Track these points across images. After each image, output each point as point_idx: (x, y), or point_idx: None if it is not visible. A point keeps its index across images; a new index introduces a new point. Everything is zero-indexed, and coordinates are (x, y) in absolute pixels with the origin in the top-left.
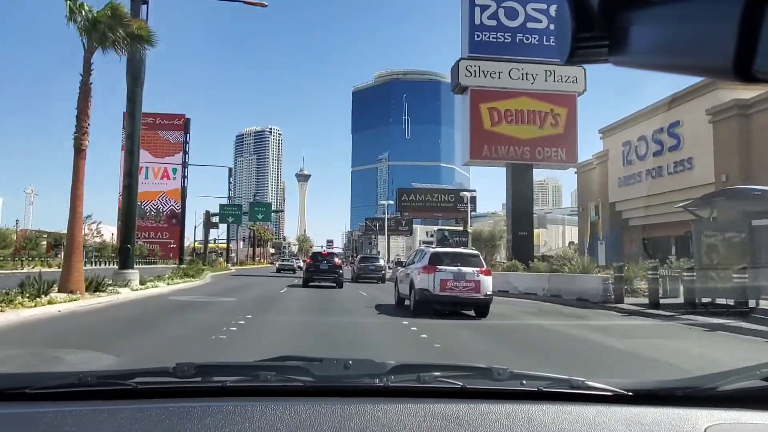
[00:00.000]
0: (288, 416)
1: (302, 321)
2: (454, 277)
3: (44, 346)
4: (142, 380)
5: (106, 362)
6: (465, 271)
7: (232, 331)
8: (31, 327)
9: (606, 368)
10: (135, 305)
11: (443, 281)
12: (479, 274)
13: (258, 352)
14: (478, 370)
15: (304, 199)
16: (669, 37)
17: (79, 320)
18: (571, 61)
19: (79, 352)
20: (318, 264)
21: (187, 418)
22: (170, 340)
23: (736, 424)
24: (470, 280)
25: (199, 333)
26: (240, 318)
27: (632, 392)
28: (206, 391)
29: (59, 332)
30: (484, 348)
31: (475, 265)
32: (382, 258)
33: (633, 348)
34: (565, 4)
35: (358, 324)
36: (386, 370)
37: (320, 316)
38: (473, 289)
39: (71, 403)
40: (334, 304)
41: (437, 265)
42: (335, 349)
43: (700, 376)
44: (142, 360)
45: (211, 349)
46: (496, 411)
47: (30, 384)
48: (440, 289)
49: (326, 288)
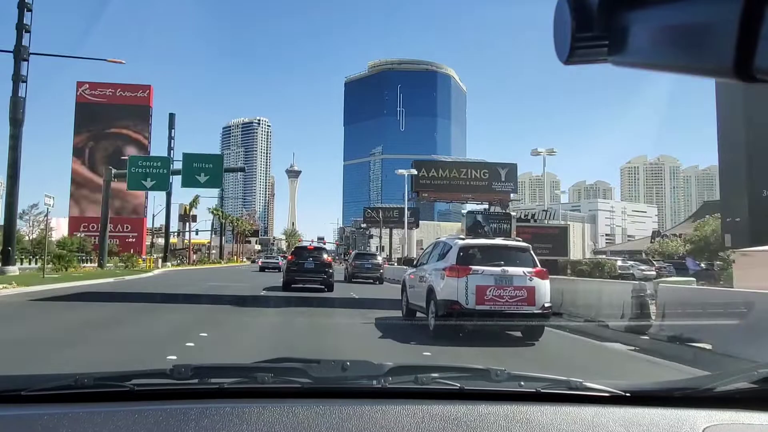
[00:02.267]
0: (285, 418)
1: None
2: (496, 283)
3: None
4: (138, 382)
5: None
6: (512, 272)
7: None
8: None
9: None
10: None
11: (480, 288)
12: (532, 277)
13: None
14: (476, 371)
15: (294, 196)
16: (669, 37)
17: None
18: (570, 61)
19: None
20: (302, 261)
21: (184, 419)
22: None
23: (733, 424)
24: (521, 286)
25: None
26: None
27: (630, 393)
28: (203, 392)
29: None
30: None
31: (524, 264)
32: (379, 255)
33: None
34: (565, 4)
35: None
36: (384, 372)
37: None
38: (525, 299)
39: (68, 405)
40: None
41: (470, 265)
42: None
43: (698, 377)
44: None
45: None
46: (494, 412)
47: (26, 386)
48: (477, 300)
49: (311, 292)
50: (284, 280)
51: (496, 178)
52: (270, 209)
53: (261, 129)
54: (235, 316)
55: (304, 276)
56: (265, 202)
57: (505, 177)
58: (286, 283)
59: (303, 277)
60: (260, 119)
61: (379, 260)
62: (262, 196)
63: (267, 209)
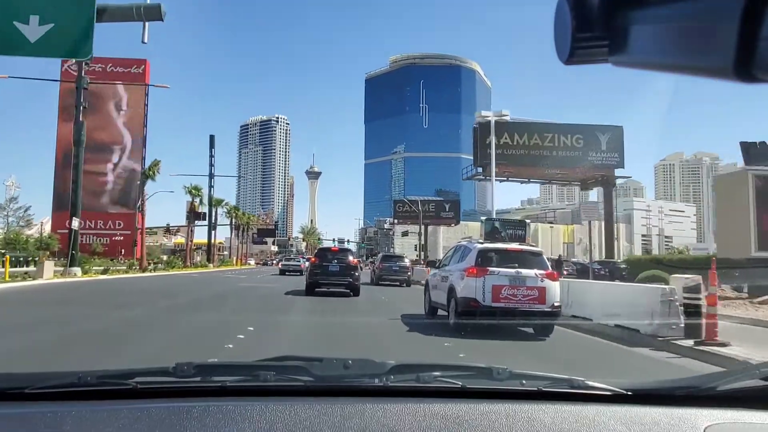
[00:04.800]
0: (288, 416)
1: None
2: (510, 283)
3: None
4: (141, 380)
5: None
6: (525, 274)
7: None
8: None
9: None
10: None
11: (496, 288)
12: (544, 279)
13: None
14: (478, 369)
15: (314, 197)
16: (669, 37)
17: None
18: (570, 61)
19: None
20: (326, 264)
21: (186, 417)
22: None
23: (735, 423)
24: (532, 286)
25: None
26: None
27: (632, 392)
28: (206, 390)
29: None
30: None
31: (537, 267)
32: (407, 257)
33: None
34: (565, 4)
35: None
36: (386, 370)
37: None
38: (536, 298)
39: (71, 403)
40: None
41: (487, 266)
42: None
43: (700, 375)
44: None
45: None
46: (496, 411)
47: (29, 384)
48: (492, 298)
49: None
50: (307, 283)
51: (594, 145)
52: (289, 210)
53: (279, 127)
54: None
55: (329, 279)
56: (284, 202)
57: (606, 145)
58: (310, 285)
59: (327, 281)
60: (279, 117)
61: (407, 262)
62: (281, 196)
63: (286, 210)
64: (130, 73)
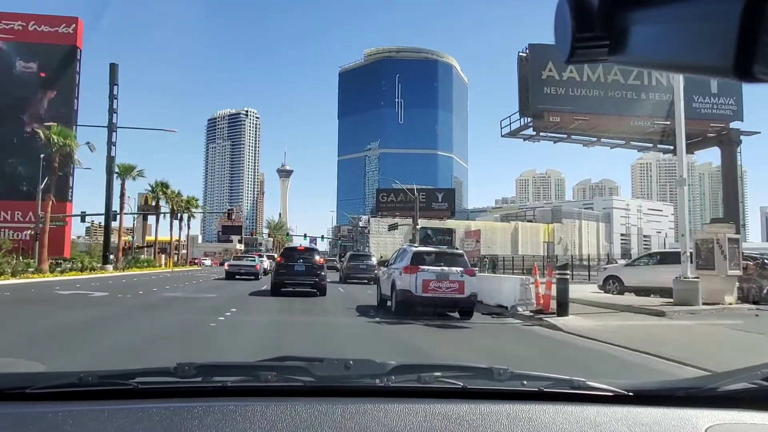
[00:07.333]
0: (288, 416)
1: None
2: (437, 278)
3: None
4: (142, 380)
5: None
6: (448, 271)
7: None
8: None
9: None
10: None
11: (426, 282)
12: (463, 274)
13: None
14: (478, 370)
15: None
16: (669, 37)
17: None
18: (571, 61)
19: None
20: (292, 264)
21: (187, 417)
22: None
23: (737, 424)
24: (454, 280)
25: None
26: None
27: (633, 392)
28: (207, 391)
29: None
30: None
31: (459, 265)
32: (374, 256)
33: None
34: (565, 4)
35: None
36: (387, 371)
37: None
38: (457, 289)
39: (72, 403)
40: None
41: (419, 265)
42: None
43: (701, 376)
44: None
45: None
46: (497, 411)
47: (30, 384)
48: (422, 289)
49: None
50: (272, 282)
51: (699, 87)
52: (259, 208)
53: (249, 121)
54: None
55: (295, 279)
56: (254, 200)
57: (718, 88)
58: (275, 286)
59: (293, 281)
60: (248, 110)
61: (374, 261)
62: (250, 194)
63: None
64: (57, 33)
